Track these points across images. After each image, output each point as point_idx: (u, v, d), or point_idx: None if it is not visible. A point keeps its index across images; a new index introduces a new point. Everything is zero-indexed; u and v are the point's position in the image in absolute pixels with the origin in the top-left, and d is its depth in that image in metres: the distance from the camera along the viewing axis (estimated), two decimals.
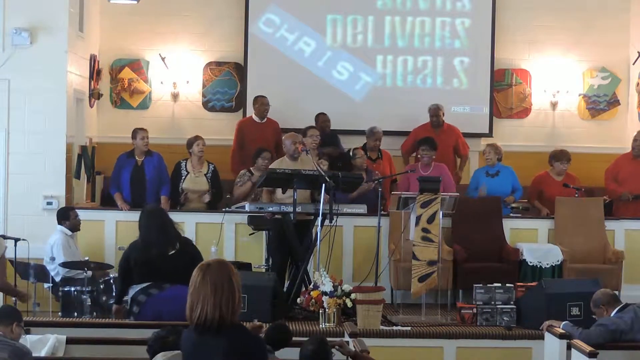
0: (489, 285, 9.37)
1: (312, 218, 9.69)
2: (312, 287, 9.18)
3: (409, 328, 9.01)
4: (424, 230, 9.50)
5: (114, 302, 9.13)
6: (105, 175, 12.43)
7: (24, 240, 9.72)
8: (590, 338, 7.50)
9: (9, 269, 9.66)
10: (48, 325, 7.70)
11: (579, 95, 13.47)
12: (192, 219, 10.65)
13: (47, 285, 9.94)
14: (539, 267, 10.52)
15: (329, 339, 6.48)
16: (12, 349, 6.28)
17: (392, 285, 10.35)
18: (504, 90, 13.45)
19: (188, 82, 13.10)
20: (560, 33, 13.38)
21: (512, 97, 13.46)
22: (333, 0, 13.21)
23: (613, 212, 11.60)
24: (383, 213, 10.23)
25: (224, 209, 10.88)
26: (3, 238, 9.96)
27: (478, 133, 13.15)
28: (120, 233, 10.71)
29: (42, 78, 10.86)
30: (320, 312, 8.96)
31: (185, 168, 11.14)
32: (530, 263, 10.53)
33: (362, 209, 9.90)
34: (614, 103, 13.52)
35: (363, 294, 8.98)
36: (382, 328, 8.93)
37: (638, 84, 13.16)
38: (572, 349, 7.41)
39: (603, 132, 13.47)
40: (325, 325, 8.90)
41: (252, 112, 12.46)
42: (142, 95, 13.12)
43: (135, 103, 13.10)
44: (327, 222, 9.39)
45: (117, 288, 9.20)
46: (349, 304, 8.96)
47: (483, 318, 9.24)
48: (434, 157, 11.08)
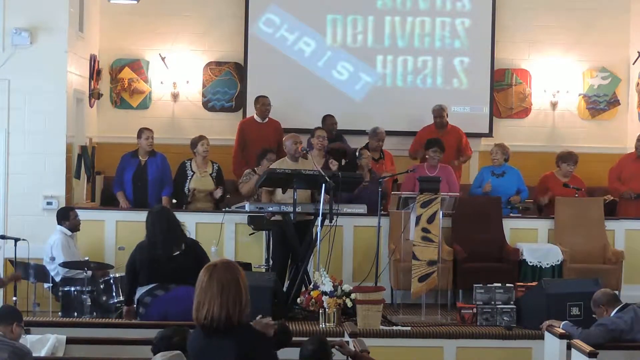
0: (489, 285, 9.37)
1: (312, 218, 9.68)
2: (312, 287, 9.17)
3: (409, 328, 9.01)
4: (424, 230, 9.50)
5: (124, 303, 9.06)
6: (105, 175, 12.43)
7: (24, 240, 9.71)
8: (590, 338, 7.50)
9: (9, 269, 9.66)
10: (48, 325, 7.69)
11: (579, 95, 13.46)
12: (192, 219, 10.62)
13: (47, 285, 9.93)
14: (539, 267, 10.52)
15: (329, 339, 6.48)
16: (12, 349, 6.28)
17: (392, 285, 10.34)
18: (504, 90, 13.45)
19: (188, 82, 13.09)
20: (560, 33, 13.37)
21: (512, 97, 13.46)
22: (333, 0, 13.21)
23: (617, 211, 11.61)
24: (383, 213, 10.22)
25: (224, 209, 10.88)
26: (3, 238, 9.98)
27: (478, 133, 13.15)
28: (120, 233, 10.70)
29: (42, 78, 10.85)
30: (320, 312, 8.95)
31: (191, 168, 11.14)
32: (530, 263, 10.53)
33: (362, 209, 9.88)
34: (614, 103, 13.51)
35: (363, 294, 8.98)
36: (382, 328, 8.93)
37: (638, 84, 13.16)
38: (572, 349, 7.40)
39: (603, 132, 13.46)
40: (325, 325, 8.90)
41: (252, 112, 12.45)
42: (142, 95, 13.11)
43: (135, 103, 13.09)
44: (327, 222, 9.39)
45: (125, 289, 9.16)
46: (349, 304, 8.96)
47: (483, 318, 9.24)
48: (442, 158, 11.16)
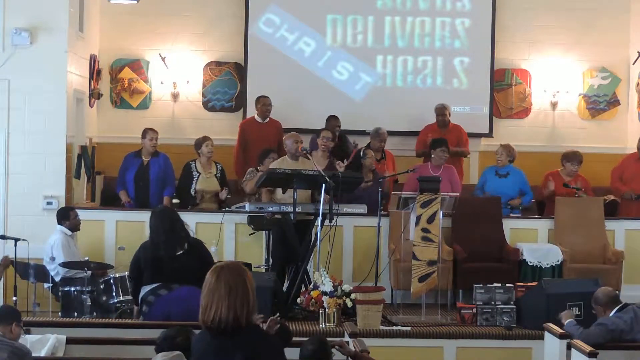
0: (489, 285, 9.37)
1: (312, 218, 9.68)
2: (312, 287, 9.17)
3: (409, 328, 9.01)
4: (424, 230, 9.50)
5: (134, 303, 9.03)
6: (105, 175, 12.43)
7: (24, 240, 9.71)
8: (590, 338, 7.49)
9: (9, 269, 9.66)
10: (48, 325, 7.68)
11: (579, 95, 13.46)
12: (192, 219, 10.59)
13: (47, 285, 9.93)
14: (539, 267, 10.52)
15: (329, 339, 6.48)
16: (11, 349, 6.28)
17: (392, 285, 10.34)
18: (504, 90, 13.45)
19: (188, 82, 13.09)
20: (560, 33, 13.38)
21: (512, 97, 13.46)
22: (333, 0, 13.21)
23: (619, 211, 11.61)
24: (383, 213, 10.22)
25: (224, 209, 10.87)
26: (3, 238, 9.97)
27: (478, 133, 13.15)
28: (120, 233, 10.70)
29: (42, 78, 10.85)
30: (320, 312, 8.95)
31: (196, 169, 11.13)
32: (530, 263, 10.53)
33: (362, 209, 9.88)
34: (614, 103, 13.51)
35: (363, 294, 8.98)
36: (382, 328, 8.93)
37: (638, 84, 13.15)
38: (572, 349, 7.39)
39: (603, 132, 13.47)
40: (325, 325, 8.90)
41: (252, 112, 12.46)
42: (142, 95, 13.11)
43: (135, 103, 13.09)
44: (327, 222, 9.39)
45: (131, 290, 9.15)
46: (349, 304, 8.96)
47: (483, 318, 9.24)
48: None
